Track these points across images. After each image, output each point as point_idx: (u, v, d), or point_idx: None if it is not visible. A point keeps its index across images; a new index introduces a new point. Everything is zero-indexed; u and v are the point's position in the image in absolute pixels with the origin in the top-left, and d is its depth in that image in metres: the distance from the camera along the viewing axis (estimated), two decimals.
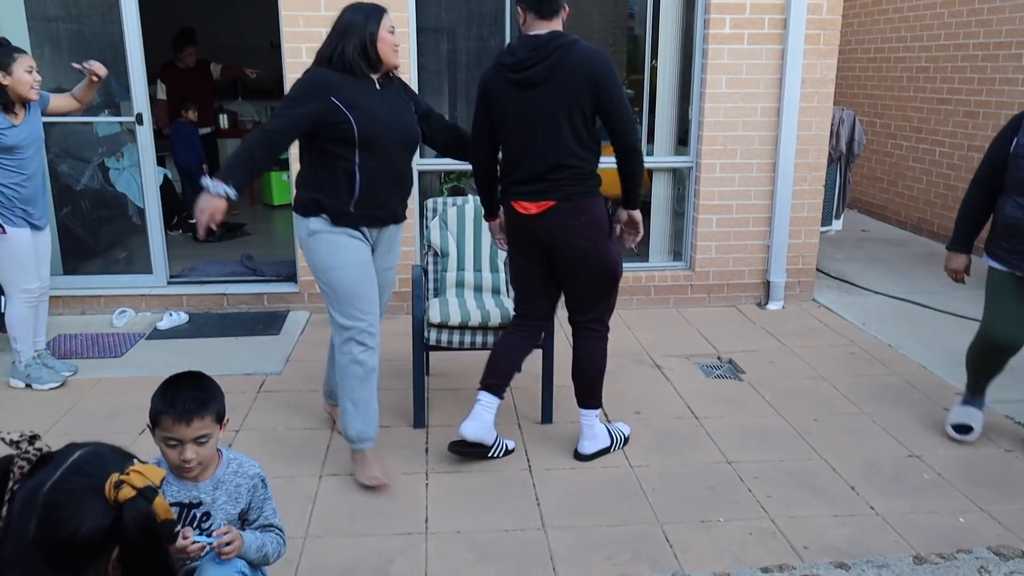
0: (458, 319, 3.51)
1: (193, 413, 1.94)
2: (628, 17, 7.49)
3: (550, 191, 3.08)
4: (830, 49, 4.94)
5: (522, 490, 3.16)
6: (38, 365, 4.03)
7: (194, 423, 1.94)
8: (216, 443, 2.05)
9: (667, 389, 4.11)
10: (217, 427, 2.02)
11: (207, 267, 5.58)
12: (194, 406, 1.94)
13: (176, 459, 1.97)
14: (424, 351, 3.65)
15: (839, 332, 4.89)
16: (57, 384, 4.02)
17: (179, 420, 1.92)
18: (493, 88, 3.11)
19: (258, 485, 2.15)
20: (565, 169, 3.05)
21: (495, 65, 3.11)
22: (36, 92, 3.75)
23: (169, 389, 1.98)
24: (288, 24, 4.69)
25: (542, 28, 3.01)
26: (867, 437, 3.59)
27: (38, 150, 3.89)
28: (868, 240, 7.14)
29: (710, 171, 5.12)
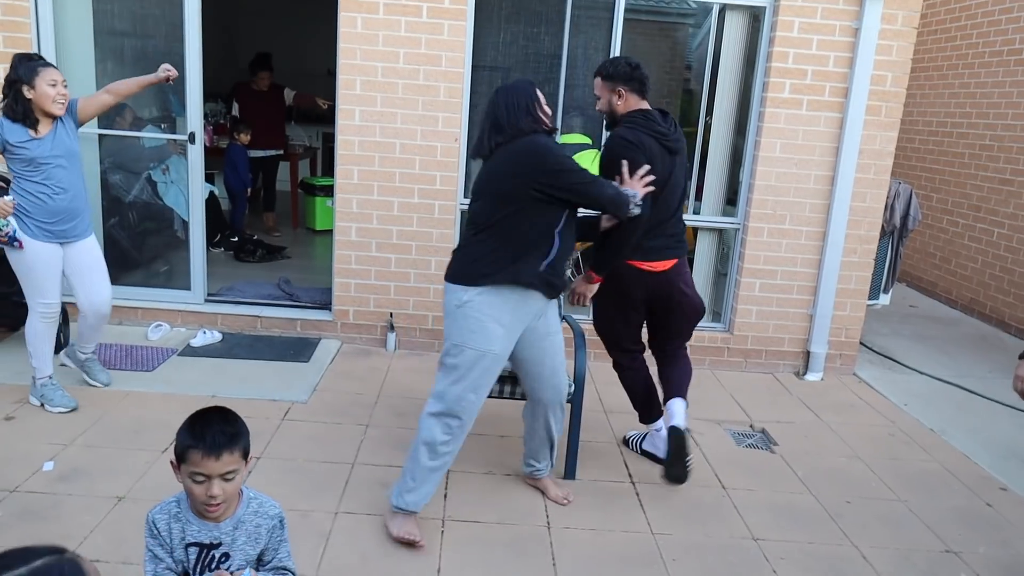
0: None
1: (223, 447, 1.89)
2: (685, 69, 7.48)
3: (677, 248, 3.58)
4: (891, 122, 4.85)
5: (539, 548, 3.07)
6: (53, 387, 3.93)
7: (223, 457, 1.90)
8: (242, 480, 2.00)
9: (695, 455, 3.98)
10: (243, 463, 1.97)
11: (244, 288, 5.61)
12: (223, 440, 1.90)
13: (203, 495, 1.92)
14: None
15: (879, 411, 4.73)
16: (67, 409, 3.89)
17: (208, 454, 1.88)
18: (655, 153, 3.34)
19: (277, 526, 2.11)
20: (683, 230, 3.65)
21: (651, 132, 3.37)
22: (61, 106, 3.65)
23: (197, 423, 1.94)
24: (345, 56, 4.75)
25: (643, 105, 3.48)
26: (902, 526, 3.43)
27: (71, 163, 3.76)
28: (916, 317, 6.95)
29: (757, 234, 5.03)
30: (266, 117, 7.56)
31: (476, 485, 3.50)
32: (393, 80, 4.79)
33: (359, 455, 3.69)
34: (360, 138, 4.86)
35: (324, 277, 6.03)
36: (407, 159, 4.88)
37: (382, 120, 4.84)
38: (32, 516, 3.00)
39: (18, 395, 4.03)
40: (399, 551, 2.96)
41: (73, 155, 3.79)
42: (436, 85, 4.79)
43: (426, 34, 4.73)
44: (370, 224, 4.98)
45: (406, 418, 4.13)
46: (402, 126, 4.84)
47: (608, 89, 3.47)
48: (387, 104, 4.82)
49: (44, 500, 3.12)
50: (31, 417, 3.82)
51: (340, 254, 5.03)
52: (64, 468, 3.37)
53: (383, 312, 5.10)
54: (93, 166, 5.22)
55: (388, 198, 4.93)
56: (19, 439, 3.59)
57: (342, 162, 4.90)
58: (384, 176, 4.91)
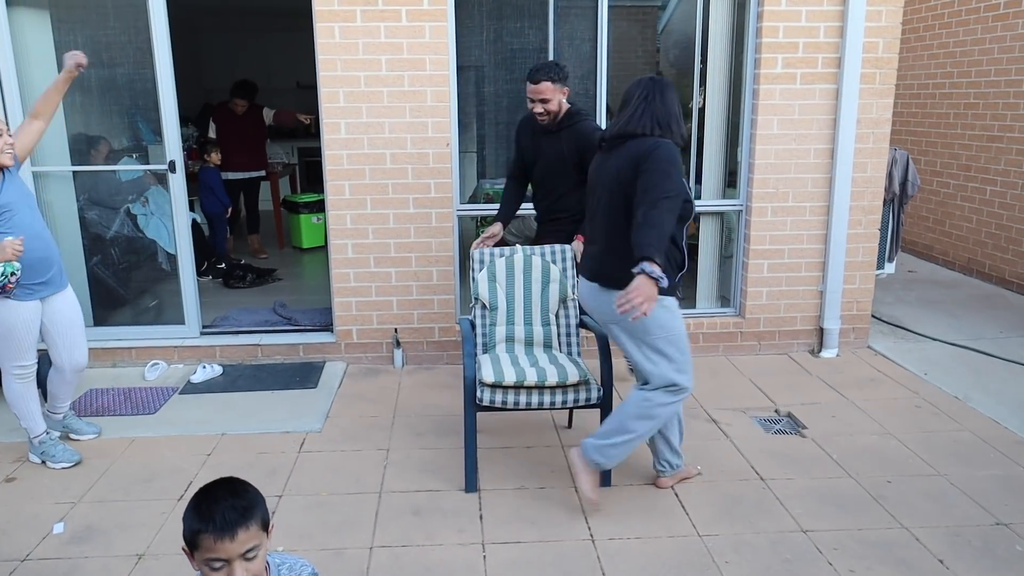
0: (513, 379, 3.32)
1: (236, 524, 1.64)
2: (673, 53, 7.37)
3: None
4: (886, 88, 4.77)
5: (586, 563, 2.95)
6: (52, 442, 3.72)
7: (239, 536, 1.64)
8: (265, 555, 1.75)
9: (727, 447, 3.89)
10: (264, 535, 1.72)
11: (239, 316, 5.43)
12: (235, 516, 1.65)
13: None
14: (475, 411, 3.45)
15: (900, 383, 4.66)
16: (71, 464, 3.70)
17: (222, 536, 1.63)
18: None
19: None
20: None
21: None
22: (9, 156, 3.37)
23: (203, 502, 1.68)
24: (325, 68, 4.58)
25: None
26: (947, 502, 3.35)
27: (31, 206, 3.49)
28: (917, 282, 6.91)
29: (761, 215, 4.94)
30: (246, 138, 7.33)
31: (510, 503, 3.38)
32: (377, 88, 4.64)
33: (385, 482, 3.55)
34: (348, 151, 4.70)
35: (320, 297, 5.87)
36: (399, 169, 4.72)
37: (369, 131, 4.69)
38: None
39: (16, 454, 3.83)
40: None
41: (31, 197, 3.52)
42: (422, 90, 4.64)
43: (407, 38, 4.58)
44: (366, 239, 4.82)
45: (426, 437, 3.99)
46: (391, 135, 4.69)
47: (559, 91, 3.87)
48: (373, 114, 4.67)
49: (59, 567, 2.94)
50: (34, 476, 3.63)
51: (338, 272, 4.87)
52: (76, 528, 3.19)
53: (387, 328, 4.95)
54: (70, 204, 5.03)
55: (382, 211, 4.78)
56: (24, 501, 3.41)
57: (332, 177, 4.74)
58: (376, 188, 4.76)
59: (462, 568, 2.92)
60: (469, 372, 3.41)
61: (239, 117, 7.26)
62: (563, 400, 3.37)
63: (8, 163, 3.38)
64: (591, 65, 4.86)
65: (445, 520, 3.24)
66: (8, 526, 3.21)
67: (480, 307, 3.77)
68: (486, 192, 5.75)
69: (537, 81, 3.84)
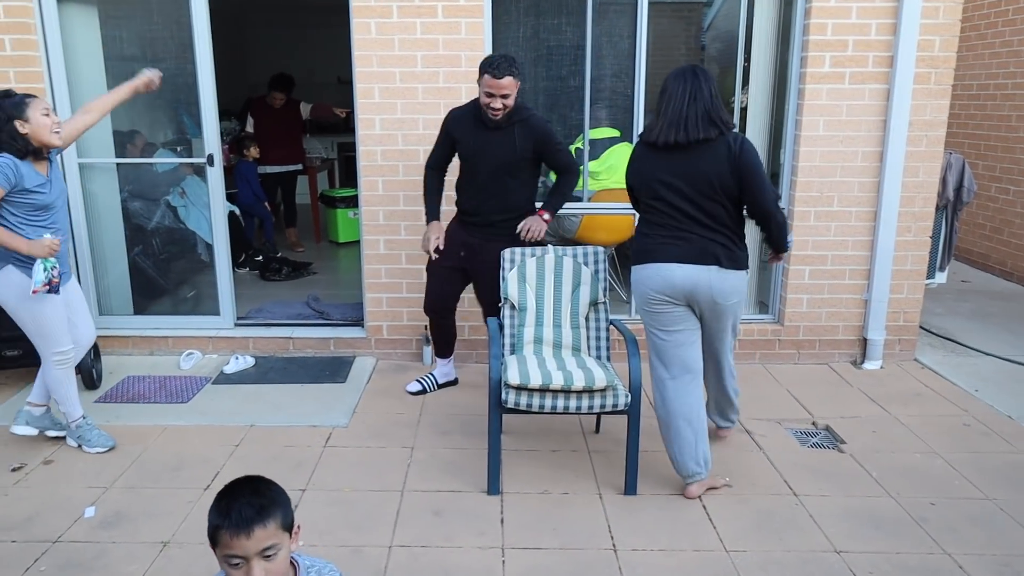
0: (539, 381, 3.25)
1: (253, 521, 1.65)
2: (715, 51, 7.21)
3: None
4: (942, 89, 4.57)
5: (608, 574, 2.86)
6: (88, 427, 3.76)
7: (255, 533, 1.65)
8: (288, 556, 1.75)
9: (760, 459, 3.76)
10: (287, 536, 1.73)
11: (273, 308, 5.45)
12: (252, 512, 1.66)
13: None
14: (500, 413, 3.39)
15: (948, 399, 4.46)
16: (105, 449, 3.73)
17: (238, 532, 1.64)
18: None
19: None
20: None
21: None
22: (58, 136, 3.39)
23: (223, 498, 1.70)
24: (361, 64, 4.56)
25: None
26: (996, 529, 3.18)
27: (64, 203, 3.56)
28: (970, 292, 6.65)
29: (804, 219, 4.78)
30: (282, 132, 7.39)
31: (533, 507, 3.31)
32: (412, 85, 4.60)
33: (407, 481, 3.51)
34: (382, 147, 4.67)
35: (353, 291, 5.87)
36: None
37: (403, 127, 4.65)
38: (77, 568, 2.85)
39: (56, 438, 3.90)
40: None
41: (66, 191, 3.61)
42: (457, 87, 4.59)
43: (443, 34, 4.53)
44: (398, 236, 4.79)
45: (451, 437, 3.95)
46: (424, 132, 4.65)
47: (517, 86, 3.80)
48: (408, 110, 4.63)
49: (87, 550, 2.97)
50: (70, 460, 3.68)
51: (369, 268, 4.85)
52: (106, 512, 3.22)
53: (418, 325, 4.92)
54: (113, 195, 5.09)
55: (415, 207, 4.74)
56: (59, 484, 3.45)
57: (365, 173, 4.72)
58: (410, 185, 4.72)
59: (480, 572, 2.86)
60: (495, 373, 3.35)
61: (276, 111, 7.30)
62: (589, 405, 3.29)
63: (58, 143, 3.42)
64: (629, 63, 4.76)
65: (466, 522, 3.19)
66: (43, 508, 3.26)
67: (509, 307, 3.70)
68: None
69: (501, 76, 3.70)
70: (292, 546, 1.76)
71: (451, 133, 4.06)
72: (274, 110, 7.30)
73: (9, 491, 3.41)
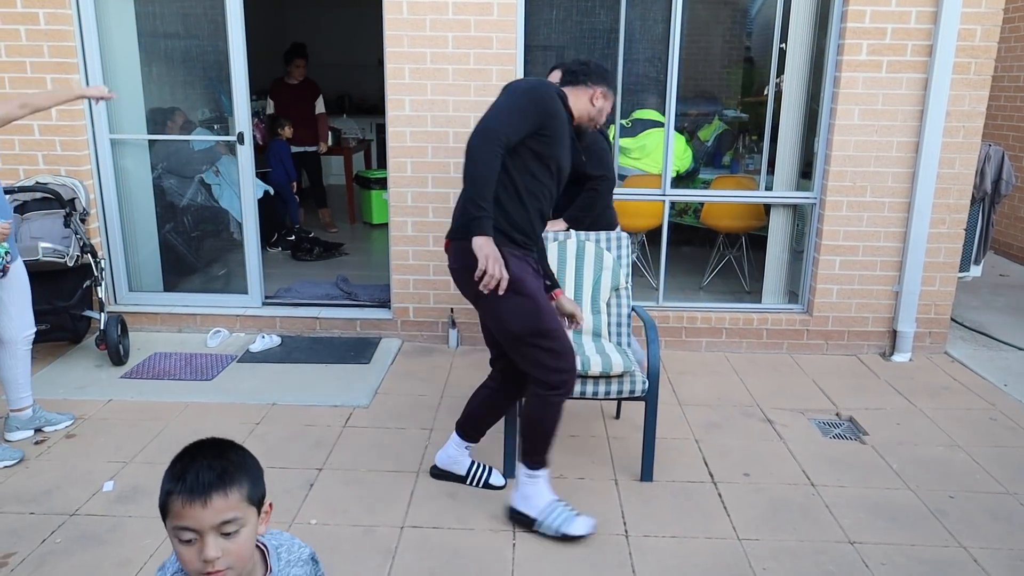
0: None
1: (211, 487, 1.36)
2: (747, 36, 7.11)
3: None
4: (982, 80, 4.46)
5: (617, 559, 2.87)
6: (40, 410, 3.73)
7: (213, 502, 1.35)
8: (253, 537, 1.44)
9: (779, 448, 3.73)
10: (253, 512, 1.43)
11: (302, 288, 5.51)
12: (212, 477, 1.36)
13: (195, 561, 1.37)
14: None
15: (976, 393, 4.38)
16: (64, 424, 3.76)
17: (192, 499, 1.35)
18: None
19: (310, 568, 1.64)
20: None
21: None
22: None
23: (180, 460, 1.41)
24: (392, 44, 4.57)
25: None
26: (1015, 524, 3.13)
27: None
28: (1008, 287, 6.50)
29: (836, 209, 4.70)
30: (301, 113, 7.39)
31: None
32: (443, 66, 4.60)
33: (424, 462, 3.54)
34: (411, 129, 4.69)
35: (383, 273, 5.91)
36: (461, 148, 4.68)
37: (433, 109, 4.66)
38: (92, 541, 2.92)
39: (78, 410, 3.99)
40: (470, 567, 2.80)
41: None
42: (488, 69, 4.58)
43: (475, 15, 4.52)
44: (426, 218, 4.81)
45: None
46: (454, 114, 4.65)
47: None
48: (437, 92, 4.63)
49: (104, 523, 3.04)
50: (91, 434, 3.77)
51: (396, 250, 4.88)
52: (124, 487, 3.29)
53: (443, 308, 4.94)
54: (145, 172, 5.18)
55: (443, 190, 4.75)
56: (79, 458, 3.54)
57: (394, 155, 4.74)
58: (438, 167, 4.73)
59: (490, 555, 2.88)
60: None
61: (294, 91, 7.30)
62: (606, 391, 3.29)
63: None
64: (662, 48, 4.70)
65: (479, 505, 3.21)
66: (63, 481, 3.34)
67: None
68: None
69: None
70: (260, 527, 1.48)
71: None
72: (292, 90, 7.31)
73: (30, 464, 3.49)
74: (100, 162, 4.94)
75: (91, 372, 4.44)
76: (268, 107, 7.36)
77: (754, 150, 6.09)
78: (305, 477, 3.38)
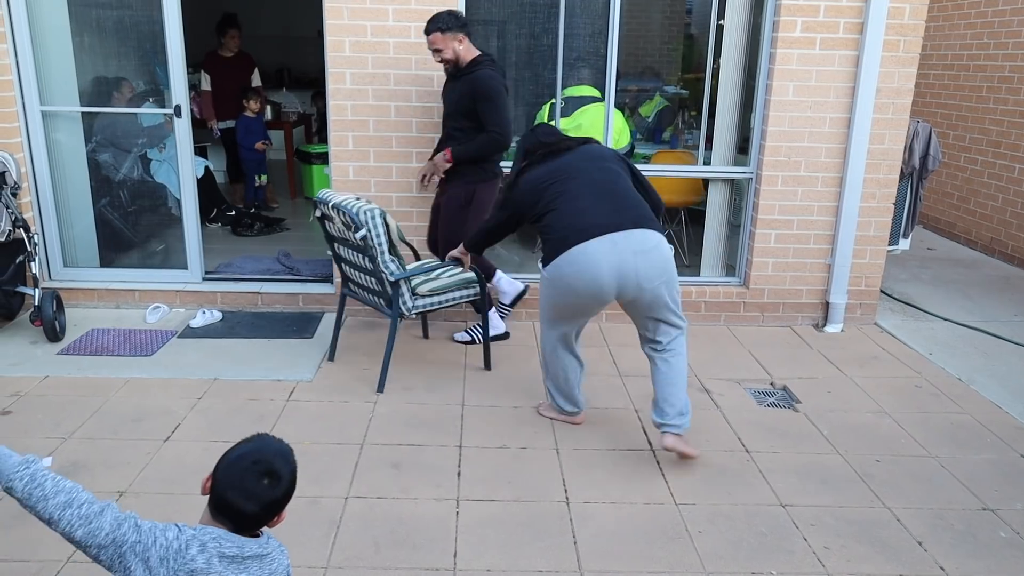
0: None
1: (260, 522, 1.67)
2: (687, 14, 7.19)
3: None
4: (910, 57, 4.60)
5: (559, 526, 2.94)
6: None
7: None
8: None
9: (716, 417, 3.85)
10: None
11: (243, 264, 5.45)
12: (262, 514, 1.66)
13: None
14: None
15: (903, 361, 4.57)
16: None
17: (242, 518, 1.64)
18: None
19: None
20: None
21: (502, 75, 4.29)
22: None
23: (247, 479, 1.63)
24: (332, 16, 4.52)
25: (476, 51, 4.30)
26: (935, 484, 3.29)
27: None
28: (934, 260, 6.75)
29: (771, 183, 4.83)
30: (236, 86, 7.14)
31: (490, 461, 3.37)
32: (384, 39, 4.57)
33: (368, 435, 3.56)
34: (352, 102, 4.65)
35: (325, 248, 5.86)
36: (403, 122, 4.67)
37: (374, 82, 4.63)
38: (30, 516, 2.87)
39: (13, 387, 3.90)
40: (414, 535, 2.84)
41: None
42: None
43: None
44: (368, 192, 4.79)
45: (415, 392, 4.00)
46: (396, 87, 4.63)
47: (451, 39, 4.09)
48: (378, 65, 4.60)
49: None
50: (28, 410, 3.69)
51: None
52: (64, 463, 3.25)
53: None
54: (79, 145, 5.04)
55: (386, 164, 4.74)
56: (16, 435, 3.47)
57: (335, 128, 4.70)
58: (380, 141, 4.71)
59: (434, 522, 2.93)
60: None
61: (230, 65, 7.09)
62: None
63: None
64: (602, 23, 4.74)
65: (423, 475, 3.25)
66: None
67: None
68: None
69: (428, 32, 4.10)
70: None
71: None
72: (226, 63, 7.09)
73: None
74: (31, 135, 4.79)
75: (26, 349, 4.34)
76: (203, 81, 7.14)
77: (693, 126, 6.18)
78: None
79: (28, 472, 1.55)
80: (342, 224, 3.89)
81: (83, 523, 1.52)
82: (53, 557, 2.66)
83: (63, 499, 1.53)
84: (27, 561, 2.64)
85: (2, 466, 1.56)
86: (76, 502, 1.53)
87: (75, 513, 1.52)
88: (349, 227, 3.84)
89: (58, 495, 1.53)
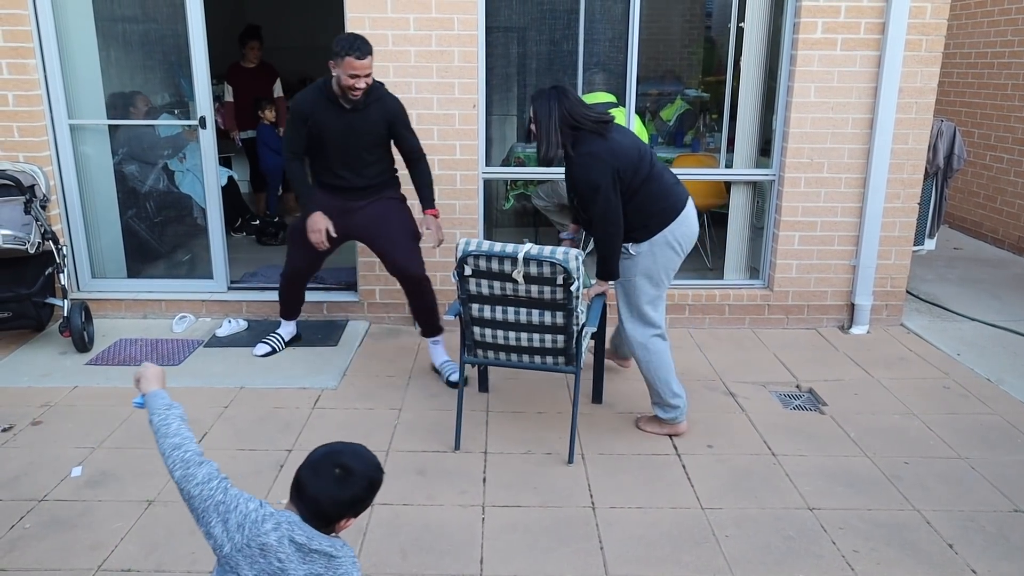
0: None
1: (332, 519, 1.78)
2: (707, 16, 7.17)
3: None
4: (933, 56, 4.56)
5: (584, 531, 2.94)
6: None
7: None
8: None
9: (742, 420, 3.83)
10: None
11: (268, 272, 5.50)
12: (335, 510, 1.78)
13: None
14: None
15: (931, 362, 4.52)
16: None
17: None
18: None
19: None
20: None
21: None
22: None
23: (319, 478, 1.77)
24: (353, 26, 4.56)
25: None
26: (965, 486, 3.26)
27: None
28: (961, 259, 6.68)
29: (794, 185, 4.80)
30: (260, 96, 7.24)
31: (516, 467, 3.38)
32: (405, 48, 4.60)
33: (393, 441, 3.58)
34: None
35: (349, 256, 5.89)
36: (424, 129, 4.69)
37: (396, 90, 4.61)
38: (61, 525, 2.93)
39: (44, 398, 3.96)
40: (440, 542, 2.86)
41: None
42: (450, 50, 4.59)
43: None
44: None
45: (439, 399, 4.01)
46: (417, 95, 4.66)
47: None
48: (400, 74, 4.64)
49: (73, 507, 3.04)
50: (58, 421, 3.75)
51: None
52: (93, 472, 3.29)
53: None
54: (106, 158, 5.12)
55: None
56: (47, 444, 3.53)
57: None
58: None
59: (459, 528, 2.94)
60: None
61: (251, 76, 7.17)
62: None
63: None
64: (622, 28, 4.74)
65: (449, 481, 3.26)
66: (30, 467, 3.33)
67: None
68: (517, 156, 5.70)
69: (364, 57, 3.72)
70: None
71: (309, 118, 3.92)
72: (249, 74, 7.18)
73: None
74: (59, 148, 4.87)
75: (56, 359, 4.41)
76: (227, 93, 7.24)
77: (714, 128, 6.17)
78: (275, 459, 3.40)
79: (165, 412, 1.82)
80: (527, 279, 3.17)
81: (183, 466, 1.73)
82: (84, 566, 2.70)
83: (176, 441, 1.76)
84: (58, 570, 2.68)
85: (154, 402, 1.84)
86: (184, 447, 1.76)
87: (179, 455, 1.74)
88: (545, 280, 3.15)
89: (174, 436, 1.77)
